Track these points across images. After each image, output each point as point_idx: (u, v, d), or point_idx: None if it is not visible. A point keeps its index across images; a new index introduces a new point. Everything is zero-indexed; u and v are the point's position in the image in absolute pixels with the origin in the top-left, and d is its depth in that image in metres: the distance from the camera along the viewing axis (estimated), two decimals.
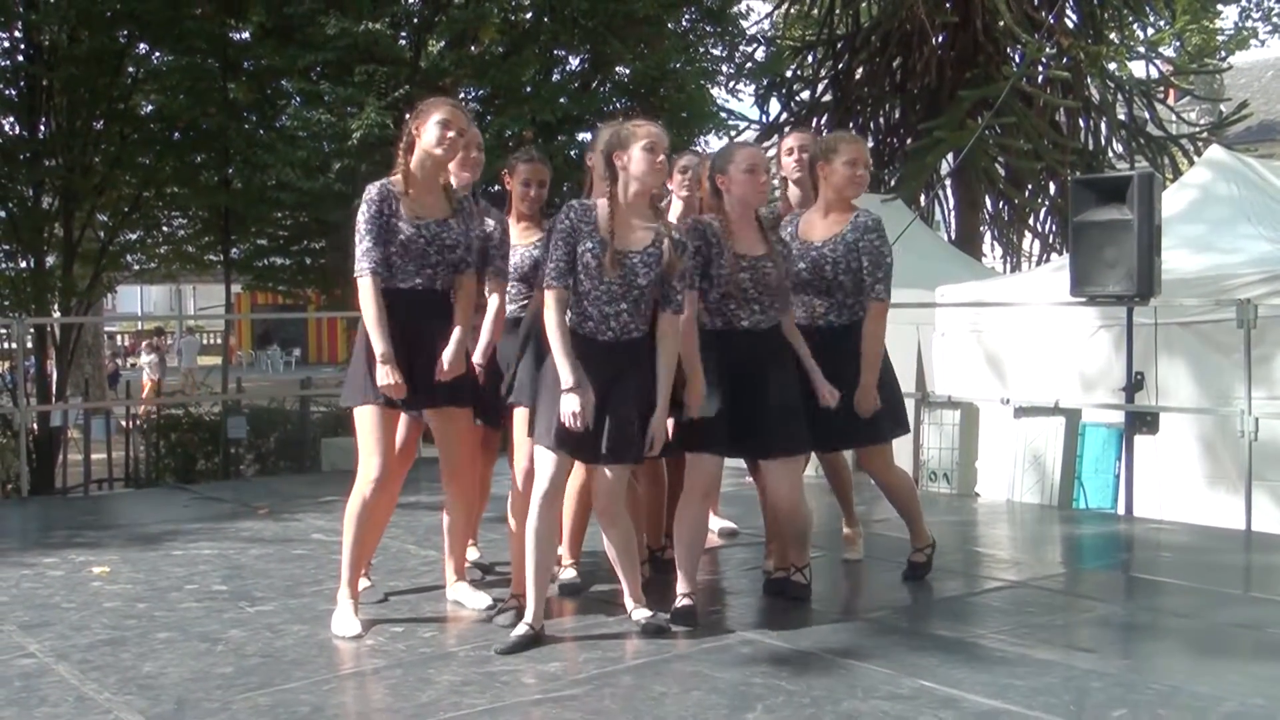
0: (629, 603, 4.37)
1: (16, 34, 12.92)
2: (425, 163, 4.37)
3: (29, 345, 12.27)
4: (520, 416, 4.46)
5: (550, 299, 4.14)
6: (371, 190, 4.33)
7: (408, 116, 4.45)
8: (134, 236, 15.27)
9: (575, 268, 4.14)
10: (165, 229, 15.72)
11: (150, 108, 14.01)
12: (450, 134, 4.33)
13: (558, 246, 4.15)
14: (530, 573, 4.16)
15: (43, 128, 13.14)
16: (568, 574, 4.90)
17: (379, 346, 4.22)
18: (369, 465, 4.32)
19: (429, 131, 4.33)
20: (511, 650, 4.02)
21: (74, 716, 3.45)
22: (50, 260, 13.32)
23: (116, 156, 13.26)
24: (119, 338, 38.49)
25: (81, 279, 13.68)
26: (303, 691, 3.63)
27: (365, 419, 4.33)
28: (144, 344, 29.63)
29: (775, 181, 5.56)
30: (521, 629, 4.11)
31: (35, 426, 12.32)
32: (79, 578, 5.22)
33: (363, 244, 4.30)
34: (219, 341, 30.65)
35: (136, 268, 16.66)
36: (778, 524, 4.81)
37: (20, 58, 12.94)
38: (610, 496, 4.27)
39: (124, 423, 14.72)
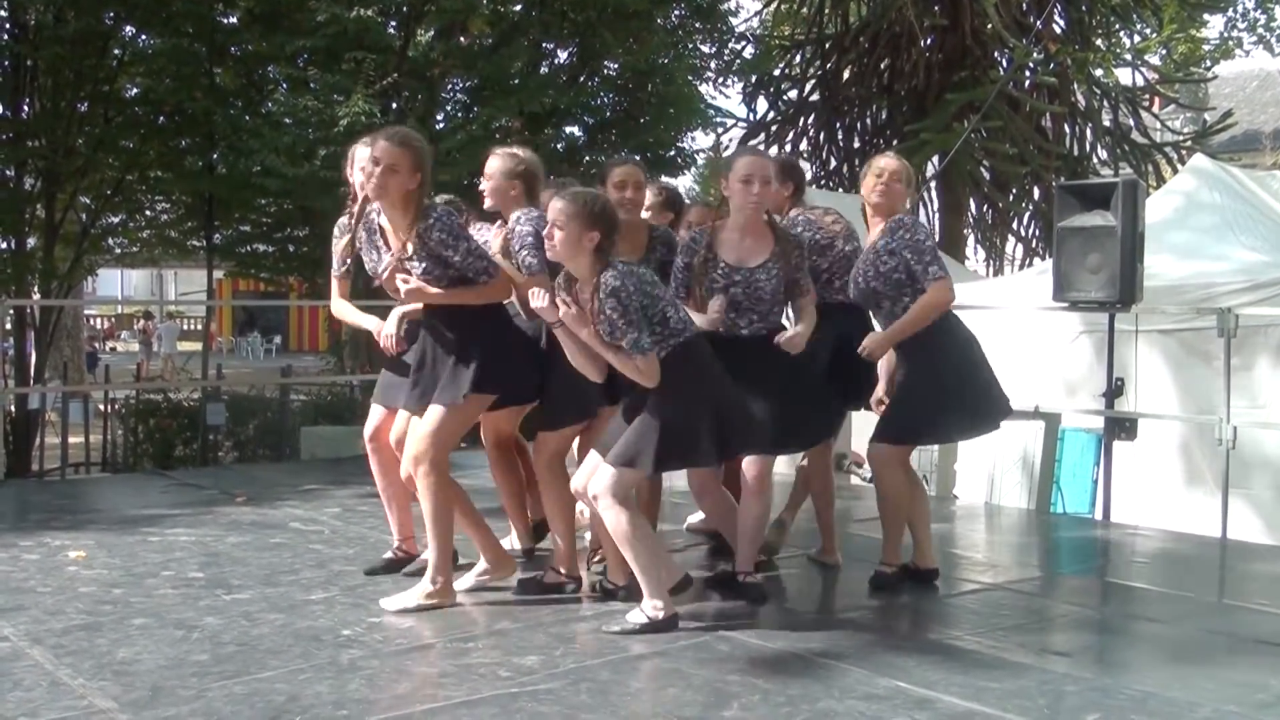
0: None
1: (2, 12, 12.85)
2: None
3: (8, 327, 12.21)
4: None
5: None
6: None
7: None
8: (116, 220, 15.24)
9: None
10: (148, 213, 15.71)
11: (135, 91, 13.95)
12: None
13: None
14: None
15: (26, 108, 13.07)
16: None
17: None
18: (439, 456, 4.34)
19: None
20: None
21: (47, 701, 3.43)
22: (31, 242, 13.25)
23: (100, 139, 13.20)
24: (97, 321, 38.28)
25: (62, 261, 13.62)
26: (278, 680, 3.62)
27: (470, 413, 4.40)
28: (138, 325, 29.56)
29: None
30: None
31: (13, 409, 12.26)
32: (55, 562, 5.19)
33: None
34: (199, 327, 30.55)
35: (118, 251, 16.62)
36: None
37: (5, 37, 12.86)
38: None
39: (102, 407, 14.63)
